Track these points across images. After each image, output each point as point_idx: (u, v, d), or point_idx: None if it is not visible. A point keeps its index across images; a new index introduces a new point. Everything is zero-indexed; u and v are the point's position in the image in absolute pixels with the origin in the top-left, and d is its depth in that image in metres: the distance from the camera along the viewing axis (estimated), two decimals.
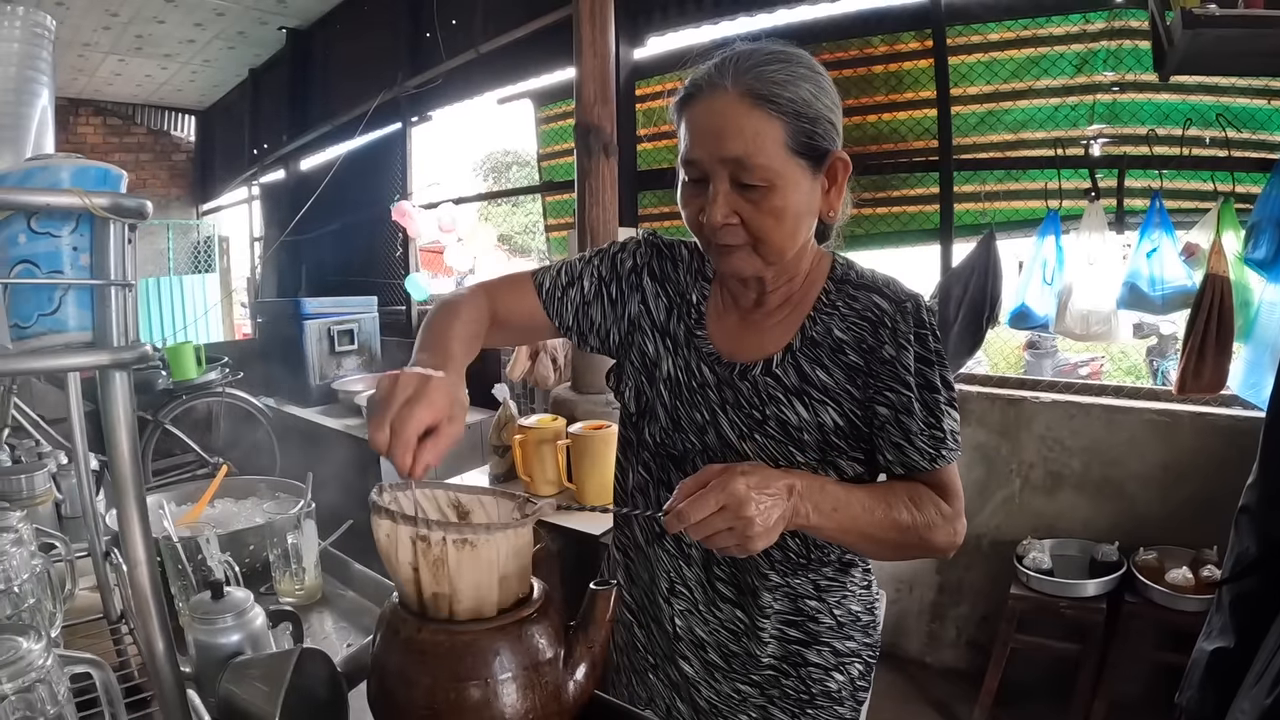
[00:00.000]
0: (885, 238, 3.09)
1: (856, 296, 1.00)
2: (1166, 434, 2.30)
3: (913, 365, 0.96)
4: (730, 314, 1.07)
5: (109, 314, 0.51)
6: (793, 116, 0.89)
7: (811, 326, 1.01)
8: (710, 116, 0.91)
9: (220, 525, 1.55)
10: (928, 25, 2.77)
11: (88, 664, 0.70)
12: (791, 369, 1.00)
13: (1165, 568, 2.15)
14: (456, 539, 0.76)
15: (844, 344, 0.99)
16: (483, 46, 4.09)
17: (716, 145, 0.90)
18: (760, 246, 0.93)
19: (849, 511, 0.91)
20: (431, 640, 0.80)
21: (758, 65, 0.90)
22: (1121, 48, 2.47)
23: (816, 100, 0.91)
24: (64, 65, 6.15)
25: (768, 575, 1.04)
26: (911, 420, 0.96)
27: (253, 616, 1.07)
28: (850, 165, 0.96)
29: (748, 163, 0.88)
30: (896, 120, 2.95)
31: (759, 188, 0.89)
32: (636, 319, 1.12)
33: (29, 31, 0.68)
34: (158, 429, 4.05)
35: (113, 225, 0.50)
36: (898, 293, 0.98)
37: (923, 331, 0.97)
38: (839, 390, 0.99)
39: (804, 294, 1.03)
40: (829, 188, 0.96)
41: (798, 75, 0.90)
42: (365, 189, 5.27)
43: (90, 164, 0.56)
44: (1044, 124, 2.63)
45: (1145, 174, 2.39)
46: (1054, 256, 2.50)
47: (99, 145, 7.58)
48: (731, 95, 0.89)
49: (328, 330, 4.37)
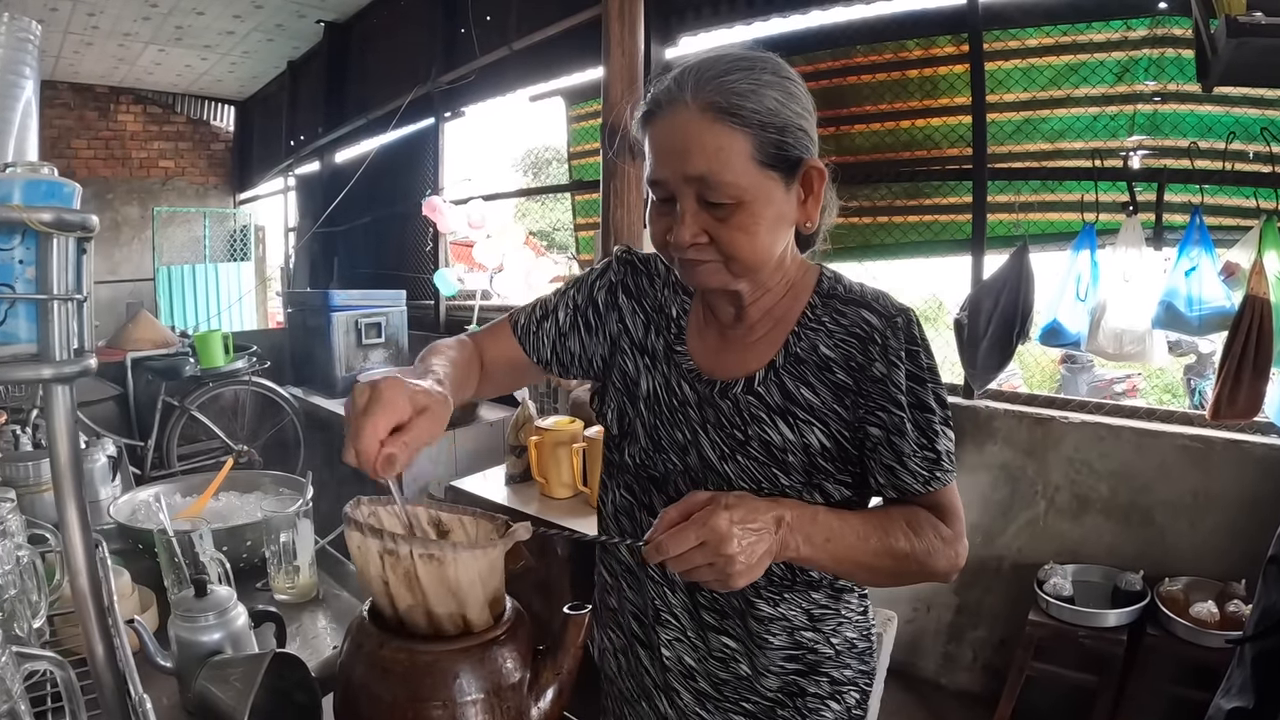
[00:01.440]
0: (915, 247, 3.03)
1: (844, 311, 0.95)
2: (1198, 460, 2.21)
3: (904, 383, 0.91)
4: (711, 329, 1.03)
5: (51, 328, 0.50)
6: (758, 128, 0.84)
7: (796, 342, 0.96)
8: (672, 134, 0.86)
9: (221, 519, 1.56)
10: (964, 29, 2.70)
11: (49, 662, 0.69)
12: (775, 387, 0.96)
13: (1190, 600, 2.07)
14: (423, 554, 0.74)
15: (831, 361, 0.94)
16: (516, 43, 4.09)
17: (680, 164, 0.86)
18: (731, 263, 0.89)
19: (843, 541, 0.87)
20: (392, 658, 0.78)
21: (718, 76, 0.85)
22: (1164, 56, 2.38)
23: (784, 108, 0.86)
24: (104, 54, 6.28)
25: (755, 603, 1.00)
26: (904, 441, 0.91)
27: (235, 616, 1.07)
28: (825, 173, 0.91)
29: (713, 180, 0.84)
30: (930, 126, 2.88)
31: (727, 205, 0.85)
32: (616, 339, 1.09)
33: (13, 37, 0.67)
34: (184, 415, 4.12)
35: (56, 240, 0.49)
36: (888, 307, 0.94)
37: (914, 348, 0.92)
38: (825, 410, 0.94)
39: (787, 308, 0.98)
40: (805, 197, 0.92)
41: (762, 83, 0.85)
42: (398, 183, 5.32)
43: (44, 179, 0.55)
44: (1082, 134, 2.55)
45: (1185, 188, 2.30)
46: (1088, 272, 2.42)
47: (139, 133, 7.74)
48: (692, 110, 0.84)
49: (355, 322, 4.41)
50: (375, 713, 0.78)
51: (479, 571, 0.78)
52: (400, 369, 0.87)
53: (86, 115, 7.38)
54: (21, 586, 0.88)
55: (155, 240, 7.65)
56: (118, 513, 1.53)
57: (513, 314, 1.12)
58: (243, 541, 1.48)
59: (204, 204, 8.18)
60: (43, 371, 0.50)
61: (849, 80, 3.00)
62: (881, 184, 3.00)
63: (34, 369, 0.50)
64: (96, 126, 7.46)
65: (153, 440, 4.07)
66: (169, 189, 8.00)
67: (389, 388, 0.74)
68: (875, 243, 3.06)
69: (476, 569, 0.77)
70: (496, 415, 3.69)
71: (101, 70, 6.84)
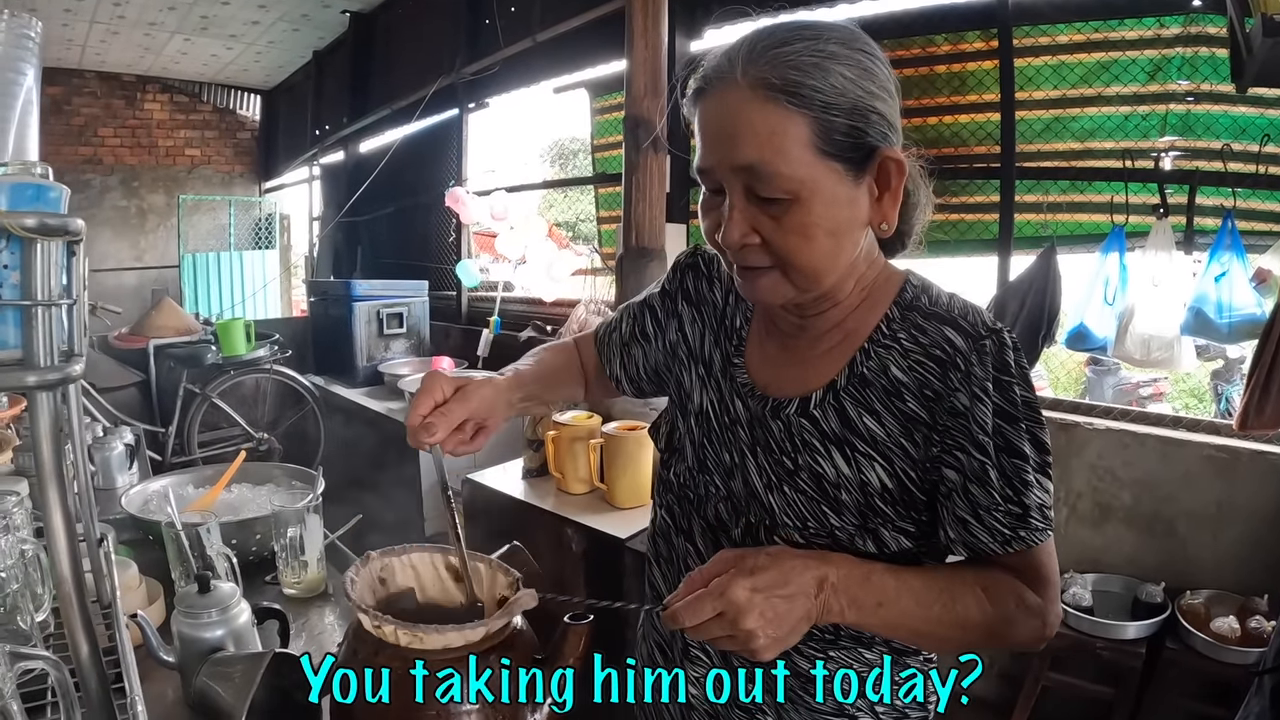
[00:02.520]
0: (941, 246, 2.97)
1: (925, 328, 0.81)
2: (1223, 471, 2.15)
3: (990, 421, 0.77)
4: (773, 339, 0.92)
5: (35, 334, 0.49)
6: (821, 109, 0.71)
7: (864, 361, 0.83)
8: (719, 117, 0.75)
9: (232, 511, 1.56)
10: (994, 25, 2.64)
11: (44, 661, 0.69)
12: (833, 411, 0.83)
13: (1211, 614, 2.02)
14: (407, 634, 0.76)
15: (903, 387, 0.80)
16: (540, 35, 4.08)
17: (728, 151, 0.74)
18: (789, 271, 0.77)
19: (897, 607, 0.76)
20: (386, 665, 0.77)
21: (774, 47, 0.72)
22: (1197, 55, 2.31)
23: (854, 85, 0.72)
24: (130, 43, 6.35)
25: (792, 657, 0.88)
26: (985, 492, 0.77)
27: (237, 613, 1.07)
28: (906, 166, 0.77)
29: (763, 171, 0.72)
30: (958, 123, 2.82)
31: (780, 201, 0.73)
32: (674, 347, 1.01)
33: (13, 35, 0.67)
34: (205, 402, 4.17)
35: (40, 244, 0.48)
36: (976, 325, 0.79)
37: (1006, 378, 0.77)
38: (891, 444, 0.81)
39: (861, 319, 0.84)
40: (880, 194, 0.77)
41: (826, 55, 0.71)
42: (421, 173, 5.33)
43: (29, 182, 0.54)
44: (1113, 133, 2.48)
45: (1218, 191, 2.24)
46: (1117, 275, 2.36)
47: (165, 121, 7.84)
48: (742, 88, 0.72)
49: (377, 312, 4.43)
50: (369, 718, 0.78)
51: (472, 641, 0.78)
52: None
53: (113, 104, 7.48)
54: (25, 580, 0.88)
55: (181, 228, 7.75)
56: (129, 504, 1.54)
57: (601, 322, 1.11)
58: (252, 535, 1.48)
59: (229, 192, 8.27)
60: (26, 379, 0.49)
61: None
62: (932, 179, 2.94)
63: (17, 375, 0.50)
64: (123, 115, 7.57)
65: (174, 427, 4.12)
66: (195, 177, 8.10)
67: (430, 376, 0.87)
68: None
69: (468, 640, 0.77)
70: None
71: (128, 59, 6.92)
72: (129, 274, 7.44)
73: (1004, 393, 0.77)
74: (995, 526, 0.78)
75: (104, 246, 7.40)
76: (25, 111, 0.69)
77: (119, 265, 7.44)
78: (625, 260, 2.89)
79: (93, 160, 7.48)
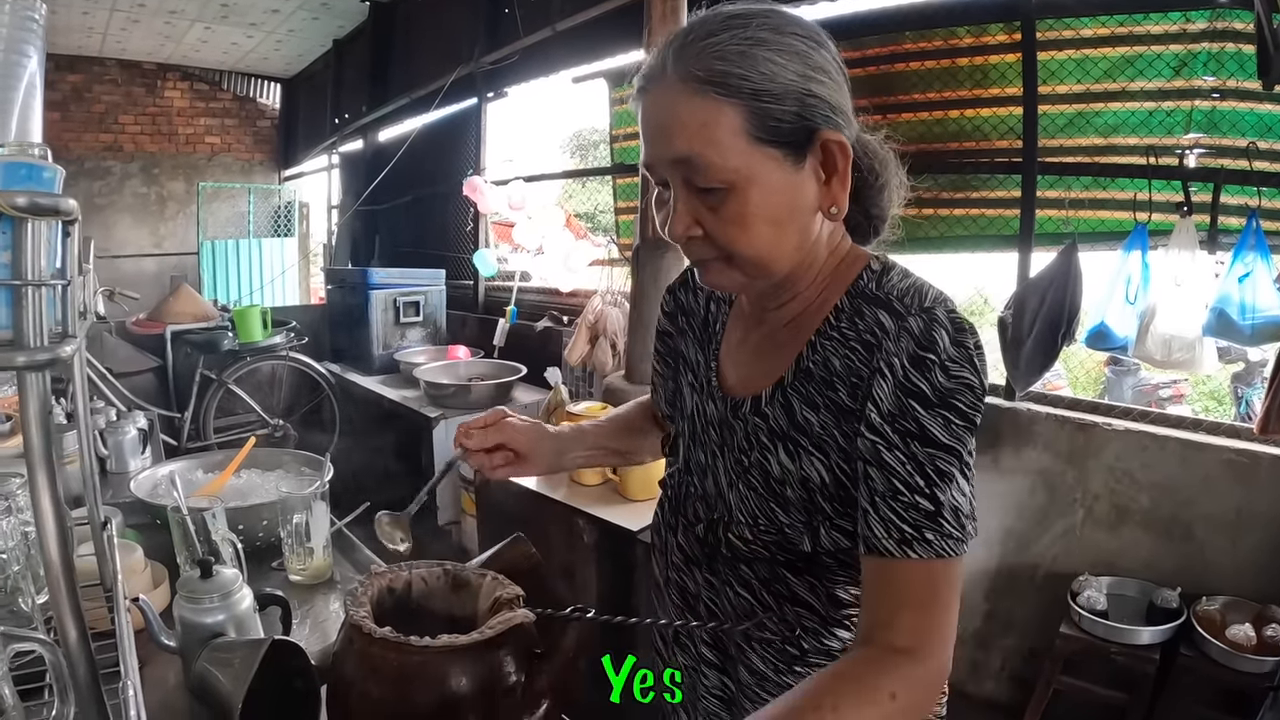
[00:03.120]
0: (960, 241, 2.94)
1: (864, 314, 0.79)
2: (1244, 476, 2.11)
3: (889, 398, 0.73)
4: (745, 342, 0.93)
5: (24, 314, 0.49)
6: (751, 96, 0.71)
7: (809, 355, 0.82)
8: (654, 113, 0.76)
9: (241, 497, 1.57)
10: (1017, 17, 2.59)
11: (38, 644, 0.69)
12: (780, 408, 0.83)
13: (1227, 621, 1.98)
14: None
15: (836, 377, 0.79)
16: (559, 24, 4.07)
17: (663, 145, 0.75)
18: (734, 260, 0.77)
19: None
20: (381, 656, 0.77)
21: (701, 39, 0.72)
22: (1223, 51, 2.25)
23: (784, 70, 0.71)
24: (151, 31, 6.39)
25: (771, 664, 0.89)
26: (881, 476, 0.72)
27: (239, 599, 1.07)
28: (848, 148, 0.75)
29: (697, 162, 0.72)
30: (979, 117, 2.78)
31: (717, 191, 0.73)
32: (679, 360, 1.04)
33: (18, 16, 0.67)
34: (221, 388, 4.20)
35: (31, 224, 0.48)
36: (909, 306, 0.76)
37: (928, 356, 0.72)
38: (826, 437, 0.79)
39: (816, 312, 0.83)
40: (828, 178, 0.76)
41: (754, 41, 0.71)
42: (440, 162, 5.34)
43: (22, 161, 0.53)
44: (1136, 129, 2.43)
45: (1243, 190, 2.18)
46: (1139, 274, 2.32)
47: (185, 109, 7.89)
48: (673, 83, 0.73)
49: (393, 301, 4.44)
50: (363, 709, 0.77)
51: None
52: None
53: (134, 91, 7.54)
54: (27, 563, 0.88)
55: (200, 215, 7.81)
56: (138, 488, 1.55)
57: None
58: (259, 521, 1.49)
59: (249, 180, 8.33)
60: (15, 358, 0.49)
61: (897, 67, 2.91)
62: (927, 175, 2.90)
63: (6, 356, 0.49)
64: (144, 102, 7.63)
65: (189, 412, 4.16)
66: (214, 164, 8.15)
67: (496, 409, 1.06)
68: (919, 236, 2.98)
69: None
70: (530, 398, 3.70)
71: (149, 47, 6.96)
72: (148, 260, 7.51)
73: (921, 371, 0.72)
74: (890, 518, 0.71)
75: (124, 233, 7.47)
76: (29, 94, 0.68)
77: (138, 251, 7.51)
78: (641, 251, 2.88)
79: (113, 147, 7.55)
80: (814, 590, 0.85)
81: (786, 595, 0.86)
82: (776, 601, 0.87)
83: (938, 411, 0.71)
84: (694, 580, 0.95)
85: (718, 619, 0.92)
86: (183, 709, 1.03)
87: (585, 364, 3.44)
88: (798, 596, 0.86)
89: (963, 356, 0.72)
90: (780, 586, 0.86)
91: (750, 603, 0.89)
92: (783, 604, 0.86)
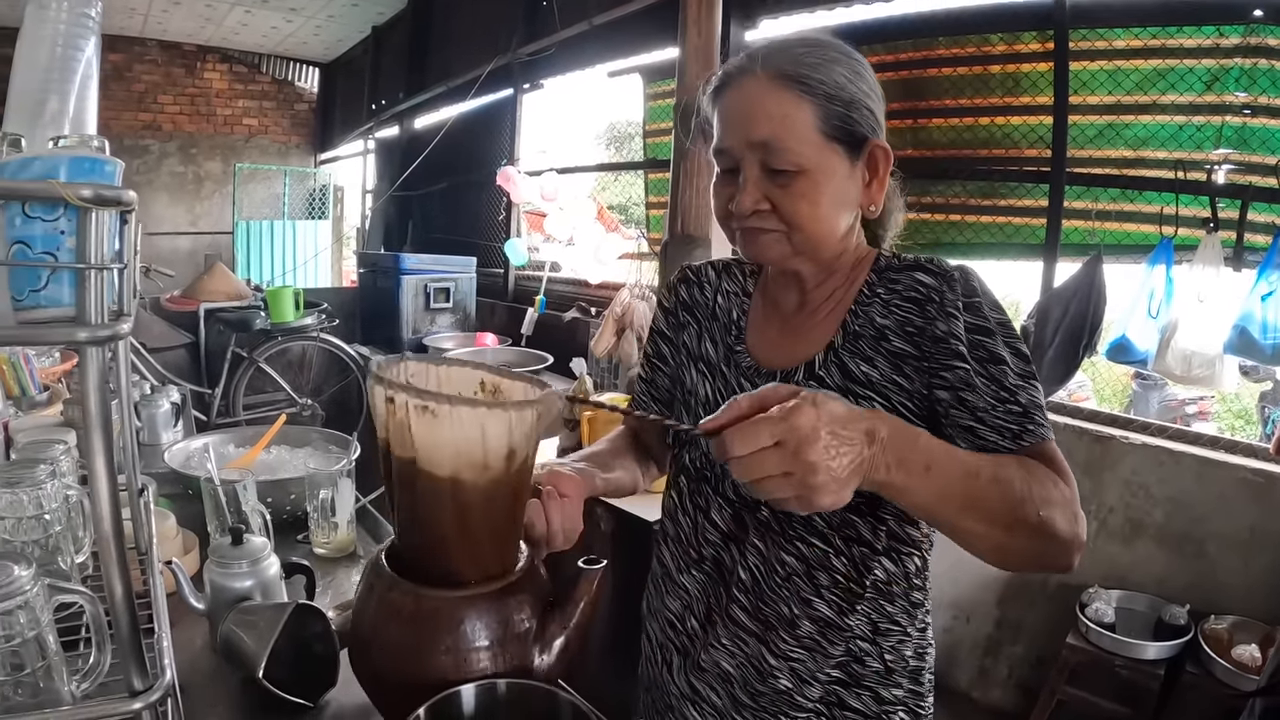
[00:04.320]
0: (987, 248, 2.93)
1: (898, 279, 0.92)
2: (1259, 495, 2.10)
3: (964, 335, 0.85)
4: (772, 323, 1.02)
5: (87, 295, 0.54)
6: (825, 99, 0.86)
7: (854, 320, 0.93)
8: (739, 101, 0.89)
9: (269, 471, 1.63)
10: (1050, 26, 2.58)
11: (81, 597, 0.74)
12: (835, 368, 0.92)
13: (1234, 641, 1.98)
14: (418, 404, 0.74)
15: (886, 330, 0.91)
16: (596, 18, 4.09)
17: (745, 129, 0.88)
18: (793, 234, 0.89)
19: (946, 472, 0.73)
20: (400, 601, 0.80)
21: (788, 49, 0.88)
22: (1256, 67, 2.24)
23: (851, 84, 0.87)
24: (192, 13, 6.50)
25: (814, 603, 0.93)
26: (976, 396, 0.84)
27: (267, 565, 1.13)
28: (891, 155, 0.91)
29: (776, 145, 0.86)
30: (1010, 125, 2.77)
31: (789, 172, 0.86)
32: (680, 355, 1.11)
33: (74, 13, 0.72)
34: (251, 366, 4.30)
35: (94, 213, 0.53)
36: (942, 266, 0.90)
37: (974, 299, 0.87)
38: (885, 383, 0.90)
39: (849, 289, 0.96)
40: (869, 179, 0.91)
41: (829, 59, 0.87)
42: (474, 151, 5.39)
43: (87, 155, 0.59)
44: (1166, 143, 2.42)
45: (1270, 208, 2.17)
46: (1162, 288, 2.32)
47: (224, 91, 8.03)
48: (760, 78, 0.87)
49: (424, 286, 4.51)
50: (384, 654, 0.81)
51: (481, 431, 0.76)
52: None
53: (174, 72, 7.68)
54: (68, 524, 0.94)
55: (236, 195, 7.94)
56: (172, 459, 1.62)
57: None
58: (287, 494, 1.55)
59: (285, 162, 8.46)
60: (78, 334, 0.54)
61: (929, 72, 2.92)
62: (956, 181, 2.91)
63: (71, 331, 0.55)
64: (183, 83, 7.77)
65: (220, 389, 4.25)
66: (251, 146, 8.29)
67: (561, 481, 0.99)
68: (946, 241, 2.98)
69: (477, 427, 0.75)
70: (556, 387, 3.73)
71: (189, 29, 7.08)
72: (183, 238, 7.67)
73: (974, 311, 0.87)
74: (1000, 424, 0.83)
75: (160, 210, 7.62)
76: (84, 86, 0.74)
77: (174, 229, 7.66)
78: (670, 246, 2.91)
79: (152, 126, 7.70)
80: (875, 531, 0.92)
81: (854, 538, 0.92)
82: (844, 544, 0.92)
83: (998, 338, 0.86)
84: (731, 554, 0.98)
85: (757, 589, 0.96)
86: (208, 668, 1.09)
87: (611, 356, 3.47)
88: (862, 537, 0.92)
89: (993, 298, 0.89)
90: (849, 530, 0.92)
91: (807, 560, 0.93)
92: (851, 546, 0.92)
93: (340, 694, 1.02)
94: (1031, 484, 0.76)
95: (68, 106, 0.71)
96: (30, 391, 1.95)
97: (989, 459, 0.78)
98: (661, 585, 1.09)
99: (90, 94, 0.74)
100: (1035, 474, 0.78)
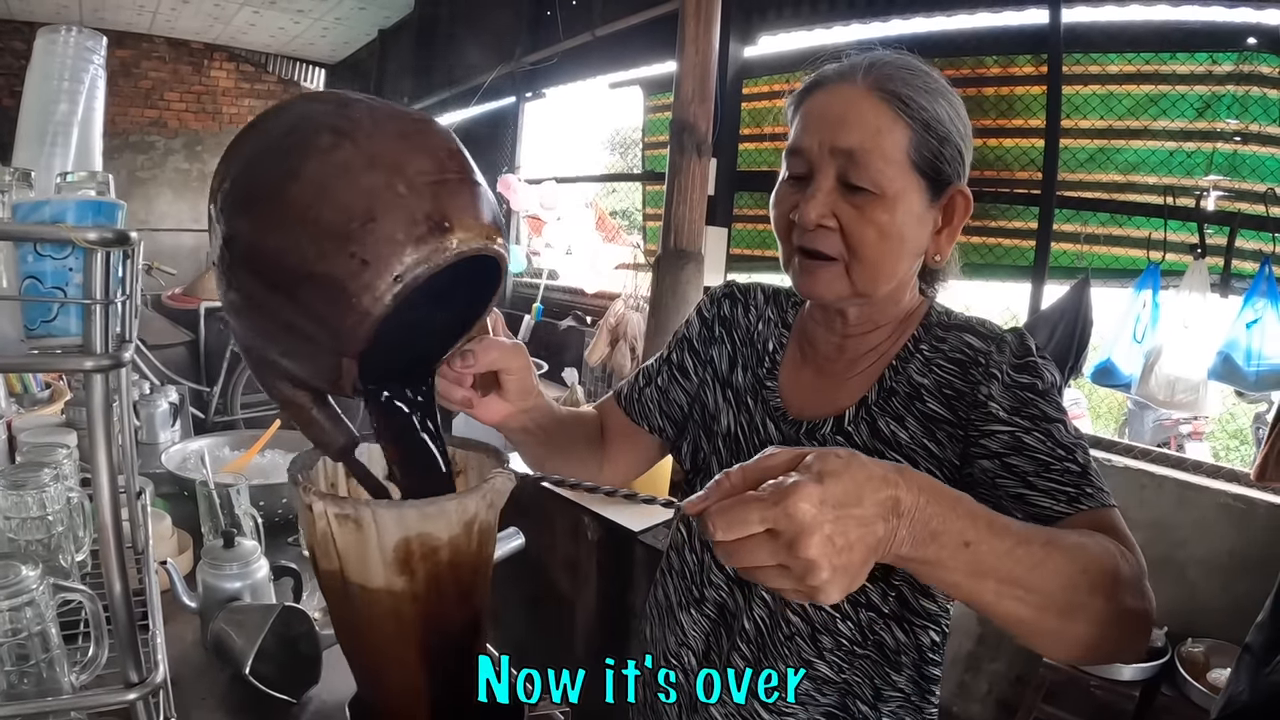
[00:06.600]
0: (974, 269, 2.96)
1: (944, 338, 0.86)
2: (1239, 521, 2.13)
3: (1009, 399, 0.79)
4: (808, 367, 0.95)
5: (93, 326, 0.58)
6: (922, 126, 0.79)
7: (892, 377, 0.87)
8: (831, 104, 0.82)
9: (262, 475, 1.66)
10: (1044, 50, 2.62)
11: (82, 595, 0.78)
12: (865, 426, 0.86)
13: (1210, 664, 2.00)
14: (338, 514, 0.60)
15: (922, 389, 0.85)
16: (599, 30, 4.14)
17: (832, 133, 0.80)
18: (854, 265, 0.81)
19: (991, 544, 0.58)
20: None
21: (895, 67, 0.82)
22: (1248, 95, 2.27)
23: (950, 122, 0.81)
24: (200, 12, 6.52)
25: (815, 665, 0.89)
26: (1025, 459, 0.76)
27: (257, 568, 1.17)
28: (971, 204, 0.84)
29: (861, 158, 0.78)
30: (1002, 147, 2.81)
31: (866, 192, 0.79)
32: (704, 372, 1.03)
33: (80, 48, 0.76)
34: None
35: (99, 253, 0.57)
36: (993, 329, 0.85)
37: (1028, 359, 0.81)
38: (915, 446, 0.83)
39: (894, 343, 0.90)
40: (942, 227, 0.85)
41: (934, 88, 0.81)
42: (475, 157, 5.26)
43: (94, 199, 0.63)
44: (1156, 168, 2.45)
45: (1259, 236, 2.20)
46: (1149, 313, 2.34)
47: (230, 89, 8.03)
48: (860, 87, 0.80)
49: None
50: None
51: (420, 530, 0.61)
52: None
53: (180, 69, 7.68)
54: (69, 524, 0.98)
55: None
56: (169, 460, 1.65)
57: (618, 385, 1.10)
58: (279, 498, 1.58)
59: None
60: (84, 363, 0.58)
61: None
62: None
63: (78, 360, 0.59)
64: (190, 81, 7.77)
65: (218, 387, 4.29)
66: None
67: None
68: None
69: (410, 532, 0.60)
70: (549, 394, 3.76)
71: (197, 27, 7.11)
72: (186, 235, 7.67)
73: (1031, 372, 0.80)
74: (1053, 486, 0.73)
75: (164, 207, 7.62)
76: (87, 120, 0.77)
77: (177, 226, 7.69)
78: (662, 260, 2.94)
79: (158, 123, 7.71)
80: (884, 596, 0.86)
81: (862, 602, 0.87)
82: (851, 608, 0.87)
83: (1048, 398, 0.79)
84: (735, 600, 0.94)
85: (760, 642, 0.91)
86: (198, 664, 1.13)
87: (605, 365, 3.51)
88: (870, 602, 0.87)
89: (1051, 364, 0.82)
90: (856, 594, 0.85)
91: (812, 622, 0.88)
92: (859, 610, 0.87)
93: (322, 691, 1.07)
94: (1094, 547, 0.64)
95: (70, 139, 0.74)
96: (32, 389, 1.99)
97: (1042, 529, 0.65)
98: (664, 618, 1.04)
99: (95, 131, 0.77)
100: (1095, 539, 0.66)
